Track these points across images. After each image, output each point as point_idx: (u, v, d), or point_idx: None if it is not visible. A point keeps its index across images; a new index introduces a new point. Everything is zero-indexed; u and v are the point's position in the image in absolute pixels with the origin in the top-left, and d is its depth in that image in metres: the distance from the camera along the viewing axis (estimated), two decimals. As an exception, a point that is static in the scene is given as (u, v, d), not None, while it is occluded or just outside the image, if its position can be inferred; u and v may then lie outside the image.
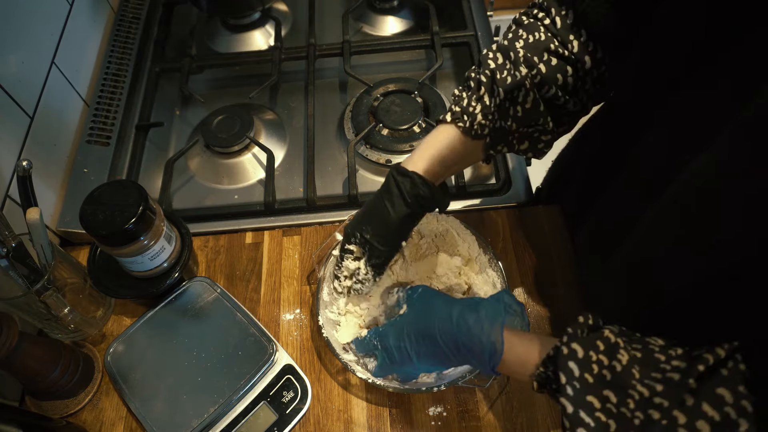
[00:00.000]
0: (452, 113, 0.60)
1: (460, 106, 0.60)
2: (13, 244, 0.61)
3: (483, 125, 0.59)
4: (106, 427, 0.66)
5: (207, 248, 0.79)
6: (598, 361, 0.43)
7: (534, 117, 0.58)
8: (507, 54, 0.57)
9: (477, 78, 0.59)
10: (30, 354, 0.59)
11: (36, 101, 0.79)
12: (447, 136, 0.60)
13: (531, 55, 0.56)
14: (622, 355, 0.43)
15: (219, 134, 0.88)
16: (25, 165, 0.61)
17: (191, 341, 0.68)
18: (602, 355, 0.44)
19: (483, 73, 0.58)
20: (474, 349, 0.52)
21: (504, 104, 0.58)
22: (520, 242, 0.78)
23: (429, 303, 0.58)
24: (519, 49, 0.57)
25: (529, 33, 0.58)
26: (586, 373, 0.43)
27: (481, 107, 0.58)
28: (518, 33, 0.59)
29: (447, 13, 1.06)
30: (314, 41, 1.00)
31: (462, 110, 0.59)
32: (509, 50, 0.57)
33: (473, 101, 0.59)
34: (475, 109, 0.59)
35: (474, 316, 0.53)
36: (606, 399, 0.41)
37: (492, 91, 0.58)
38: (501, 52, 0.58)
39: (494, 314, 0.53)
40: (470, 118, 0.59)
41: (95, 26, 0.99)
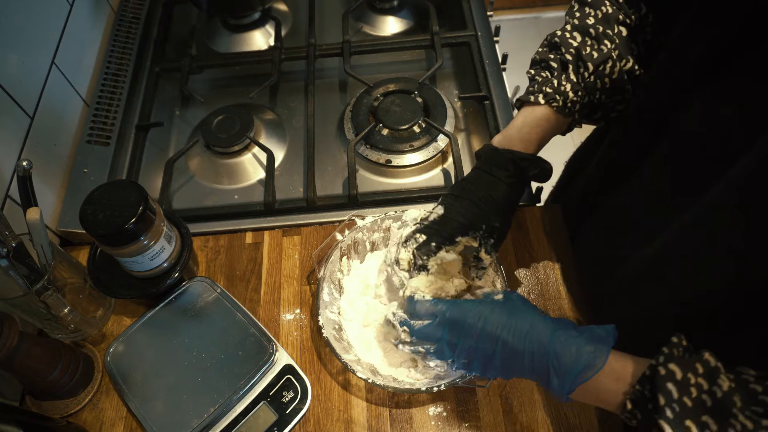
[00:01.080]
0: (545, 95, 0.62)
1: (551, 87, 0.61)
2: (13, 244, 0.61)
3: (574, 102, 0.62)
4: (106, 427, 0.66)
5: (207, 248, 0.79)
6: (697, 384, 0.42)
7: (619, 87, 0.60)
8: (585, 31, 0.60)
9: (559, 58, 0.62)
10: (30, 354, 0.59)
11: (36, 101, 0.79)
12: (545, 117, 0.62)
13: (606, 28, 0.59)
14: (722, 380, 0.42)
15: (219, 134, 0.88)
16: (25, 165, 0.61)
17: (191, 341, 0.68)
18: (701, 378, 0.42)
19: (568, 52, 0.61)
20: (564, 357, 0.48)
21: (590, 79, 0.60)
22: (520, 242, 0.78)
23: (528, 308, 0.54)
24: (595, 24, 0.60)
25: (596, 9, 0.61)
26: (685, 397, 0.42)
27: (571, 86, 0.61)
28: (585, 11, 0.62)
29: (447, 13, 1.06)
30: (314, 41, 1.00)
31: (554, 90, 0.61)
32: (586, 28, 0.60)
33: (563, 81, 0.61)
34: (566, 88, 0.61)
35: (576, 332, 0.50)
36: (705, 425, 0.40)
37: (578, 67, 0.61)
38: (578, 31, 0.61)
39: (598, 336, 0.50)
40: (563, 97, 0.61)
41: (95, 26, 0.99)
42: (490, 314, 0.53)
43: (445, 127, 0.87)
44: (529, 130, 0.63)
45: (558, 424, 0.64)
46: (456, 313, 0.54)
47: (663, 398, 0.42)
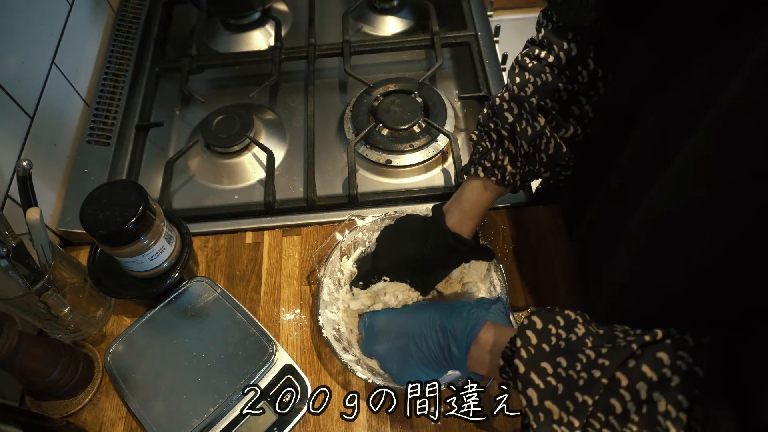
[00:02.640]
0: (484, 168, 0.63)
1: (489, 161, 0.62)
2: (13, 244, 0.61)
3: (513, 174, 0.62)
4: (106, 427, 0.66)
5: (207, 248, 0.79)
6: (557, 334, 0.46)
7: (558, 159, 0.60)
8: (521, 104, 0.59)
9: (498, 131, 0.61)
10: (30, 354, 0.59)
11: (36, 101, 0.79)
12: (485, 190, 0.64)
13: (543, 98, 0.59)
14: (579, 329, 0.46)
15: (219, 134, 0.88)
16: (25, 165, 0.61)
17: (191, 341, 0.68)
18: (561, 329, 0.46)
19: (503, 127, 0.60)
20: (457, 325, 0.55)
21: (529, 152, 0.60)
22: (520, 242, 0.78)
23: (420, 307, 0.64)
24: (530, 95, 0.59)
25: (536, 76, 0.60)
26: (543, 343, 0.46)
27: (508, 159, 0.62)
28: (525, 77, 0.61)
29: (447, 13, 1.06)
30: (314, 41, 1.00)
31: (492, 165, 0.62)
32: (522, 101, 0.59)
33: (500, 155, 0.62)
34: (504, 161, 0.62)
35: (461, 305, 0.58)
36: (558, 364, 0.44)
37: (515, 141, 0.61)
38: (515, 102, 0.60)
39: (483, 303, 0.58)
40: (501, 171, 0.62)
41: (95, 26, 0.99)
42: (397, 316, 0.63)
43: (445, 127, 0.87)
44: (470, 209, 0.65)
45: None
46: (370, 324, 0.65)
47: (520, 341, 0.46)
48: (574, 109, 0.60)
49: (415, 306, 0.66)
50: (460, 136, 0.90)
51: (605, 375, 0.40)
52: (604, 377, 0.40)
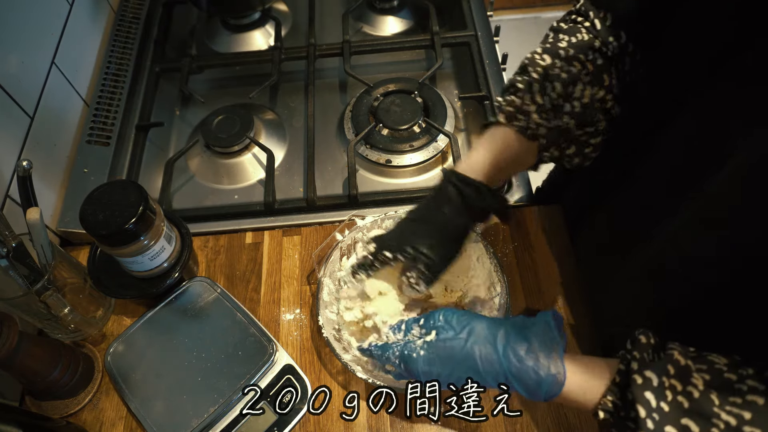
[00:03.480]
0: (507, 114, 0.57)
1: (513, 107, 0.57)
2: (13, 244, 0.61)
3: (539, 124, 0.56)
4: (106, 427, 0.66)
5: (207, 248, 0.79)
6: (671, 386, 0.42)
7: (590, 114, 0.56)
8: (555, 53, 0.56)
9: (527, 78, 0.57)
10: (30, 354, 0.59)
11: (36, 101, 0.79)
12: (503, 137, 0.58)
13: (578, 53, 0.55)
14: (696, 379, 0.41)
15: (219, 134, 0.88)
16: (25, 165, 0.61)
17: (191, 341, 0.68)
18: (674, 380, 0.42)
19: (535, 71, 0.56)
20: (526, 381, 0.49)
21: (559, 101, 0.56)
22: (520, 242, 0.78)
23: (461, 327, 0.53)
24: (566, 48, 0.56)
25: (570, 35, 0.57)
26: (662, 402, 0.41)
27: (536, 106, 0.56)
28: (559, 37, 0.58)
29: (447, 13, 1.06)
30: (314, 41, 1.00)
31: (516, 110, 0.56)
32: (557, 50, 0.56)
33: (527, 100, 0.56)
34: (530, 107, 0.56)
35: (525, 346, 0.50)
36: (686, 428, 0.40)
37: (544, 88, 0.56)
38: (548, 54, 0.56)
39: (550, 342, 0.50)
40: (526, 117, 0.56)
41: (95, 26, 0.99)
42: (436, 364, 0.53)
43: (445, 127, 0.87)
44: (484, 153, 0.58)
45: (558, 423, 0.64)
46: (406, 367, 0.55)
47: (643, 410, 0.41)
48: (605, 77, 0.56)
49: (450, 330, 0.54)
50: (460, 136, 0.90)
51: None
52: None
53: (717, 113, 0.46)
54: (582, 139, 0.59)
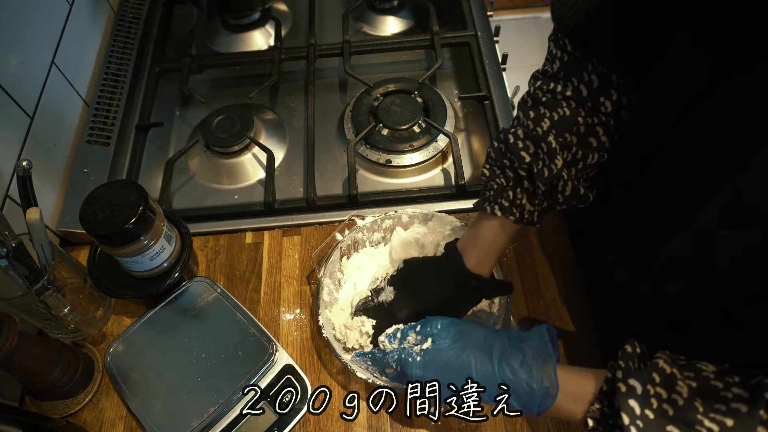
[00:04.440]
0: (501, 207, 0.59)
1: (506, 200, 0.59)
2: (13, 244, 0.61)
3: (532, 212, 0.59)
4: (106, 427, 0.66)
5: (207, 248, 0.79)
6: (657, 394, 0.42)
7: (574, 199, 0.58)
8: (538, 144, 0.56)
9: (514, 169, 0.59)
10: (30, 354, 0.59)
11: (36, 101, 0.79)
12: (503, 230, 0.61)
13: (561, 134, 0.56)
14: (680, 387, 0.42)
15: (219, 134, 0.88)
16: (25, 165, 0.61)
17: (191, 341, 0.68)
18: (660, 387, 0.42)
19: (521, 167, 0.58)
20: (519, 393, 0.50)
21: (547, 191, 0.58)
22: (520, 242, 0.78)
23: (459, 337, 0.55)
24: (546, 131, 0.56)
25: (551, 111, 0.56)
26: (646, 410, 0.42)
27: (527, 197, 0.59)
28: (540, 111, 0.57)
29: (447, 13, 1.06)
30: (314, 41, 1.00)
31: (510, 204, 0.59)
32: (539, 140, 0.56)
33: (519, 193, 0.59)
34: (522, 200, 0.59)
35: (519, 359, 0.51)
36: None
37: (533, 181, 0.58)
38: (530, 141, 0.57)
39: (543, 356, 0.51)
40: (519, 210, 0.59)
41: (95, 26, 0.99)
42: (431, 370, 0.54)
43: (445, 127, 0.87)
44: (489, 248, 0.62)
45: (558, 423, 0.64)
46: (403, 371, 0.56)
47: (627, 417, 0.42)
48: (592, 140, 0.57)
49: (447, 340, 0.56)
50: (460, 136, 0.90)
51: None
52: None
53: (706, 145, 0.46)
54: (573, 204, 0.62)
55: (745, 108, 0.41)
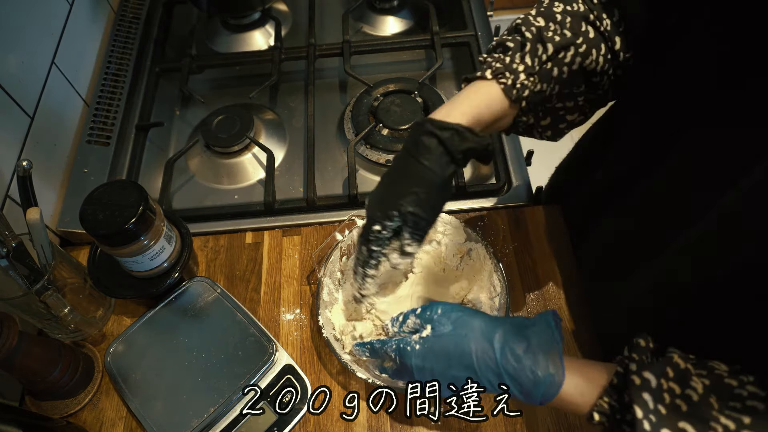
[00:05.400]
0: (493, 70, 0.54)
1: (501, 63, 0.54)
2: (13, 244, 0.61)
3: (524, 86, 0.53)
4: (106, 427, 0.66)
5: (207, 248, 0.79)
6: (670, 389, 0.41)
7: (577, 81, 0.54)
8: (550, 17, 0.54)
9: (518, 39, 0.55)
10: (30, 354, 0.59)
11: (36, 101, 0.79)
12: (487, 93, 0.54)
13: (573, 22, 0.54)
14: (695, 382, 0.41)
15: (219, 134, 0.88)
16: (25, 165, 0.61)
17: (191, 341, 0.68)
18: (673, 382, 0.42)
19: (528, 31, 0.54)
20: (523, 381, 0.48)
21: (547, 65, 0.54)
22: (520, 242, 0.78)
23: (460, 323, 0.53)
24: (561, 14, 0.54)
25: (566, 4, 0.55)
26: (659, 404, 0.41)
27: (524, 67, 0.53)
28: (554, 3, 0.56)
29: (447, 13, 1.06)
30: (314, 41, 1.00)
31: (505, 67, 0.53)
32: (552, 15, 0.54)
33: (517, 59, 0.54)
34: (519, 67, 0.53)
35: (523, 345, 0.49)
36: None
37: (536, 49, 0.53)
38: (542, 17, 0.55)
39: (548, 342, 0.49)
40: (513, 75, 0.53)
41: (95, 26, 0.99)
42: (430, 359, 0.53)
43: (445, 127, 0.87)
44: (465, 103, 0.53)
45: (558, 423, 0.64)
46: (401, 361, 0.55)
47: (640, 411, 0.41)
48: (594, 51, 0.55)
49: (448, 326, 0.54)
50: (460, 136, 0.90)
51: None
52: None
53: (715, 148, 0.46)
54: (559, 113, 0.58)
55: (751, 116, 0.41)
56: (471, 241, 0.72)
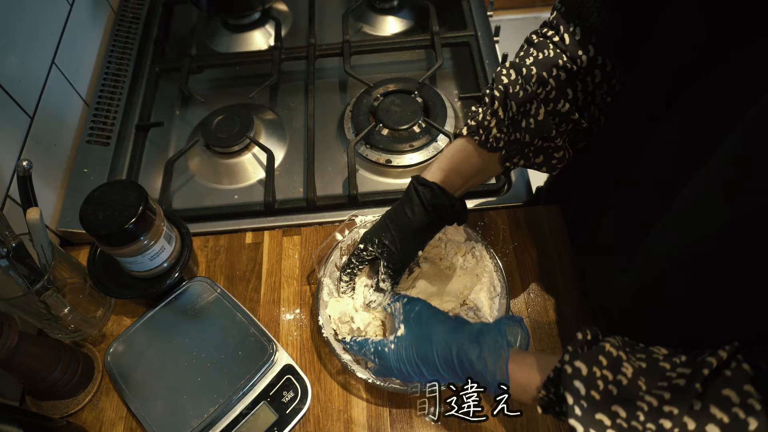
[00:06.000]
0: (468, 127, 0.62)
1: (475, 120, 0.61)
2: (13, 244, 0.61)
3: (498, 138, 0.60)
4: (106, 427, 0.66)
5: (207, 248, 0.79)
6: (603, 376, 0.43)
7: (546, 129, 0.59)
8: (519, 70, 0.59)
9: (491, 93, 0.61)
10: (30, 354, 0.59)
11: (36, 101, 0.79)
12: (464, 148, 0.62)
13: (541, 71, 0.58)
14: (626, 368, 0.43)
15: (219, 134, 0.88)
16: (25, 165, 0.61)
17: (191, 341, 0.68)
18: (606, 370, 0.43)
19: (497, 88, 0.60)
20: (481, 383, 0.54)
21: (517, 117, 0.59)
22: (520, 242, 0.78)
23: (427, 328, 0.59)
24: (530, 65, 0.59)
25: (539, 51, 0.60)
26: (592, 391, 0.42)
27: (495, 121, 0.60)
28: (529, 51, 0.61)
29: (447, 13, 1.06)
30: (314, 41, 1.00)
31: (477, 124, 0.61)
32: (521, 67, 0.59)
33: (488, 115, 0.61)
34: (490, 123, 0.60)
35: (476, 352, 0.54)
36: (615, 414, 0.41)
37: (505, 104, 0.60)
38: (513, 69, 0.60)
39: (497, 349, 0.53)
40: (485, 131, 0.60)
41: (95, 26, 0.99)
42: (404, 362, 0.58)
43: (445, 127, 0.87)
44: (443, 161, 0.63)
45: (558, 423, 0.64)
46: (381, 363, 0.60)
47: (571, 397, 0.43)
48: (569, 91, 0.59)
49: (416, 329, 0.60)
50: (460, 136, 0.90)
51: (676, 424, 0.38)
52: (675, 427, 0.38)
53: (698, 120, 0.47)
54: (548, 151, 0.62)
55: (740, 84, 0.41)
56: (471, 240, 0.72)
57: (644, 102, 0.56)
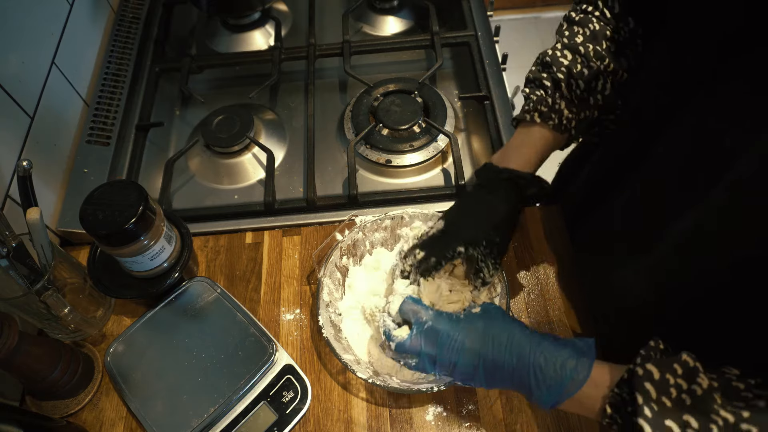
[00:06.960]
0: (540, 113, 0.63)
1: (545, 106, 0.63)
2: (13, 244, 0.61)
3: (570, 119, 0.63)
4: (106, 427, 0.66)
5: (207, 248, 0.79)
6: (677, 384, 0.43)
7: (612, 102, 0.61)
8: (575, 50, 0.61)
9: (553, 77, 0.62)
10: (30, 354, 0.59)
11: (36, 101, 0.79)
12: (542, 135, 0.64)
13: (595, 45, 0.60)
14: (702, 379, 0.42)
15: (219, 134, 0.88)
16: (25, 165, 0.61)
17: (191, 341, 0.68)
18: (680, 379, 0.43)
19: (559, 71, 0.61)
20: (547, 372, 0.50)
21: (584, 95, 0.62)
22: (520, 242, 0.78)
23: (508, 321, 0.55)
24: (584, 43, 0.61)
25: (584, 27, 0.61)
26: (663, 397, 0.42)
27: (565, 103, 0.62)
28: (574, 29, 0.62)
29: (447, 13, 1.06)
30: (314, 41, 1.00)
31: (549, 109, 0.63)
32: (576, 46, 0.61)
33: (558, 99, 0.62)
34: (561, 105, 0.62)
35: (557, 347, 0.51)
36: (687, 424, 0.40)
37: (570, 85, 0.61)
38: (568, 50, 0.62)
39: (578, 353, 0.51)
40: (558, 115, 0.62)
41: (95, 26, 0.99)
42: (467, 329, 0.54)
43: (445, 127, 0.87)
44: (528, 150, 0.64)
45: (558, 424, 0.64)
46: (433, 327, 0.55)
47: (641, 397, 0.42)
48: (623, 60, 0.61)
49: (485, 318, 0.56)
50: (460, 136, 0.90)
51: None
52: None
53: (716, 120, 0.46)
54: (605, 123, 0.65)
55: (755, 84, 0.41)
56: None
57: (655, 95, 0.57)
